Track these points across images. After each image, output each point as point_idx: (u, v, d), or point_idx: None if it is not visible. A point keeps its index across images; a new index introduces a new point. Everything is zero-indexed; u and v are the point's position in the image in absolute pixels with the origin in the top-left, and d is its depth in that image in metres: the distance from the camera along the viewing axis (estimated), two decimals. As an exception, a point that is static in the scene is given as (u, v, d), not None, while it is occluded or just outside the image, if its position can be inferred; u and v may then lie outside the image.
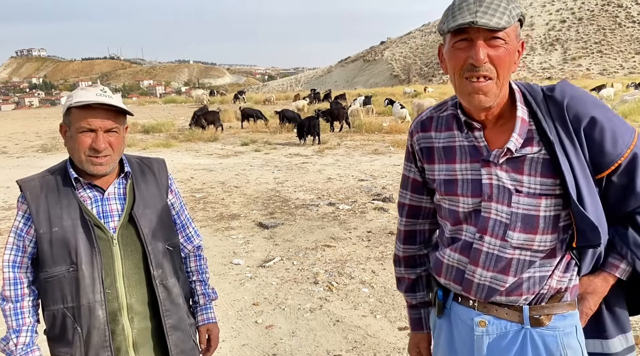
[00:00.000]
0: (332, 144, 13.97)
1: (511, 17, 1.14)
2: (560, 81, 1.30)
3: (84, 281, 1.52)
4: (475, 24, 1.11)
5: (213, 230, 6.12)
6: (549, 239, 1.24)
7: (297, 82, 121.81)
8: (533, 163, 1.22)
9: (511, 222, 1.23)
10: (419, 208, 1.50)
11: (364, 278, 4.50)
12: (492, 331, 1.30)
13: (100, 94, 1.53)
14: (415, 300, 1.57)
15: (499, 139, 1.26)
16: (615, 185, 1.24)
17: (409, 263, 1.56)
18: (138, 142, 14.90)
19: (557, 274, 1.26)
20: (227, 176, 9.67)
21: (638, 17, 75.01)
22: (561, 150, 1.19)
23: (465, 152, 1.30)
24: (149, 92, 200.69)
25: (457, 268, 1.33)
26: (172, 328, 1.66)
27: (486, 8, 1.13)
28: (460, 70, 1.19)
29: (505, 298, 1.27)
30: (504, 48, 1.16)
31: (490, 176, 1.25)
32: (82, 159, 1.55)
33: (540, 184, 1.21)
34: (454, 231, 1.35)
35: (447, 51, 1.23)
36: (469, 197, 1.29)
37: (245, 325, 3.71)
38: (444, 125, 1.36)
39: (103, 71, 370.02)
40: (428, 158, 1.39)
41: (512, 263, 1.25)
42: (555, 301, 1.27)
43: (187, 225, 1.84)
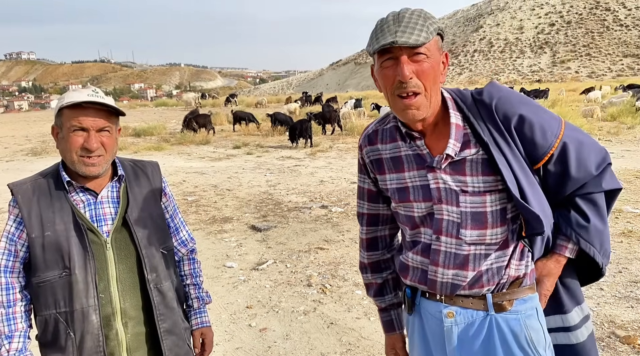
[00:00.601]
0: (324, 147, 13.98)
1: (429, 33, 1.21)
2: (487, 84, 1.38)
3: (77, 286, 1.51)
4: (395, 43, 1.19)
5: (206, 233, 6.10)
6: (499, 232, 1.32)
7: (288, 85, 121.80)
8: (473, 164, 1.30)
9: (462, 220, 1.31)
10: (377, 215, 1.57)
11: (357, 280, 4.49)
12: (460, 321, 1.37)
13: (92, 94, 1.52)
14: (384, 303, 1.63)
15: (439, 145, 1.34)
16: (552, 173, 1.33)
17: (374, 269, 1.62)
18: (129, 146, 14.81)
19: (513, 263, 1.34)
20: (219, 179, 9.64)
21: (626, 20, 75.95)
22: (497, 149, 1.27)
23: (411, 160, 1.38)
24: (140, 95, 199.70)
25: (421, 269, 1.40)
26: (167, 333, 1.64)
27: (404, 27, 1.20)
28: (391, 88, 1.26)
29: (469, 291, 1.35)
30: (427, 62, 1.23)
31: (436, 180, 1.33)
32: (74, 160, 1.53)
33: (483, 182, 1.30)
34: (413, 235, 1.42)
35: (377, 71, 1.31)
36: (421, 202, 1.36)
37: (238, 328, 3.69)
38: (389, 137, 1.43)
39: (93, 74, 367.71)
40: (379, 169, 1.46)
41: (469, 258, 1.32)
42: (516, 287, 1.35)
43: (180, 228, 1.83)
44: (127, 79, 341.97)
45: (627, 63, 64.83)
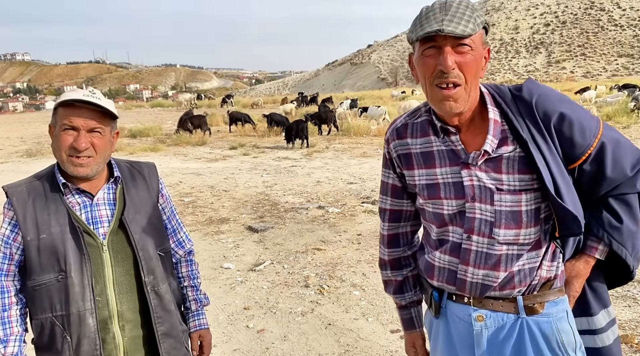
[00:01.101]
0: (320, 148, 13.97)
1: (476, 25, 1.20)
2: (526, 80, 1.35)
3: (73, 289, 1.49)
4: (442, 31, 1.16)
5: (202, 234, 6.08)
6: (532, 232, 1.29)
7: (284, 86, 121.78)
8: (510, 162, 1.27)
9: (496, 219, 1.28)
10: (400, 212, 1.54)
11: (355, 280, 4.49)
12: (490, 325, 1.34)
13: (88, 94, 1.50)
14: (404, 301, 1.60)
15: (475, 141, 1.31)
16: (587, 172, 1.31)
17: (394, 266, 1.59)
18: (125, 147, 14.75)
19: (545, 264, 1.32)
20: (215, 180, 9.62)
21: (620, 20, 76.32)
22: (535, 147, 1.24)
23: (443, 156, 1.34)
24: (135, 96, 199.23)
25: (449, 269, 1.37)
26: (164, 336, 1.63)
27: (452, 16, 1.18)
28: (430, 77, 1.24)
29: (499, 292, 1.32)
30: (470, 54, 1.21)
31: (471, 177, 1.29)
32: (63, 159, 1.52)
33: (519, 181, 1.27)
34: (440, 233, 1.38)
35: (416, 59, 1.28)
36: (452, 199, 1.32)
37: (236, 329, 3.68)
38: (420, 131, 1.40)
39: (88, 75, 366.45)
40: (407, 164, 1.42)
41: (501, 258, 1.29)
42: (547, 289, 1.33)
43: (178, 230, 1.82)
44: (123, 80, 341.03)
45: (621, 63, 65.13)
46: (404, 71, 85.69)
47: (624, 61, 65.40)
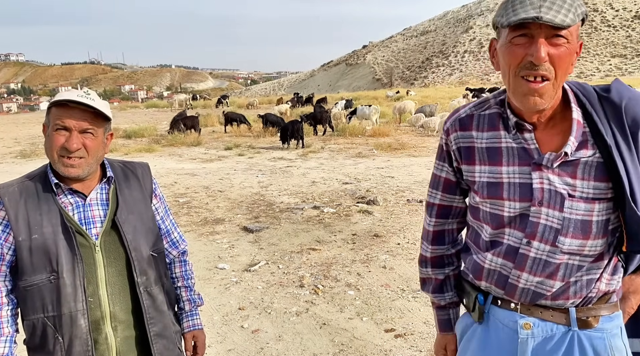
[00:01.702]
0: (315, 148, 13.97)
1: (576, 15, 1.09)
2: (614, 81, 1.26)
3: (65, 290, 1.48)
4: (539, 19, 1.06)
5: (197, 235, 6.07)
6: (599, 244, 1.21)
7: (280, 86, 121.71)
8: (587, 167, 1.18)
9: (563, 227, 1.19)
10: (450, 207, 1.45)
11: (350, 280, 4.49)
12: (537, 334, 1.26)
13: (82, 95, 1.50)
14: (444, 301, 1.52)
15: (552, 141, 1.21)
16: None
17: (436, 264, 1.51)
18: (120, 148, 14.70)
19: (605, 277, 1.24)
20: (210, 181, 9.60)
21: (613, 21, 76.75)
22: (617, 153, 1.15)
23: (513, 154, 1.24)
24: (130, 97, 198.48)
25: (500, 273, 1.29)
26: (157, 336, 1.63)
27: (551, 3, 1.07)
28: (516, 68, 1.14)
29: (551, 301, 1.24)
30: (565, 47, 1.11)
31: (541, 180, 1.20)
32: (54, 159, 1.52)
33: (594, 189, 1.18)
34: (494, 235, 1.29)
35: (502, 46, 1.16)
36: (516, 201, 1.23)
37: (231, 329, 3.68)
38: (487, 124, 1.29)
39: (83, 76, 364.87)
40: (467, 159, 1.32)
41: (560, 267, 1.21)
42: (602, 303, 1.25)
43: (172, 230, 1.81)
44: (118, 80, 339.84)
45: (615, 63, 65.49)
46: (399, 71, 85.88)
47: (617, 62, 65.77)
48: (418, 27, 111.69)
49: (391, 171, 9.97)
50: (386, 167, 10.38)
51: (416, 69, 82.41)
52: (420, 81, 72.66)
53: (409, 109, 19.31)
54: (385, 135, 15.72)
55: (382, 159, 11.66)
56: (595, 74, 62.31)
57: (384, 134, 15.78)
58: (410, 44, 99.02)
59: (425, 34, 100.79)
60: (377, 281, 4.46)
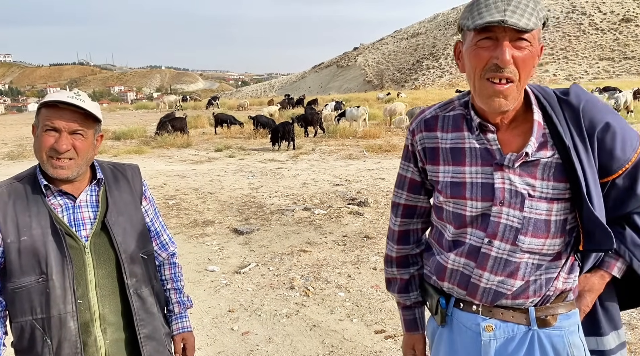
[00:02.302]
0: (306, 150, 13.98)
1: (538, 19, 1.12)
2: (572, 85, 1.29)
3: (54, 292, 1.48)
4: (504, 22, 1.08)
5: (187, 237, 6.04)
6: (557, 243, 1.24)
7: (271, 88, 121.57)
8: (546, 168, 1.21)
9: (523, 227, 1.22)
10: (415, 207, 1.47)
11: (340, 282, 4.50)
12: (499, 335, 1.28)
13: (72, 96, 1.49)
14: (409, 301, 1.54)
15: (513, 142, 1.24)
16: (618, 188, 1.26)
17: (401, 264, 1.52)
18: (109, 149, 14.60)
19: (562, 276, 1.27)
20: (201, 182, 9.57)
21: (601, 24, 77.62)
22: (575, 155, 1.18)
23: (476, 154, 1.26)
24: (120, 98, 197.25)
25: (462, 273, 1.31)
26: (147, 338, 1.62)
27: (515, 7, 1.10)
28: (481, 70, 1.16)
29: (512, 301, 1.27)
30: (528, 50, 1.14)
31: (503, 180, 1.22)
32: (43, 160, 1.51)
33: (553, 189, 1.21)
34: (457, 235, 1.32)
35: (468, 49, 1.19)
36: (478, 201, 1.26)
37: (220, 332, 3.67)
38: (452, 125, 1.32)
39: (72, 77, 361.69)
40: (432, 159, 1.35)
41: (520, 266, 1.24)
42: (560, 301, 1.28)
43: (161, 232, 1.81)
44: (107, 81, 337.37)
45: (602, 66, 66.25)
46: (390, 73, 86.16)
47: (605, 64, 66.53)
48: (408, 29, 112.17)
49: (382, 172, 10.01)
50: (377, 169, 10.42)
51: (407, 71, 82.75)
52: (410, 83, 72.96)
53: (399, 111, 19.38)
54: (376, 137, 15.77)
55: (373, 160, 11.69)
56: (584, 76, 62.96)
57: (374, 136, 15.83)
58: (401, 46, 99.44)
59: (415, 37, 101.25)
60: (368, 282, 4.47)
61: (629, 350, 3.13)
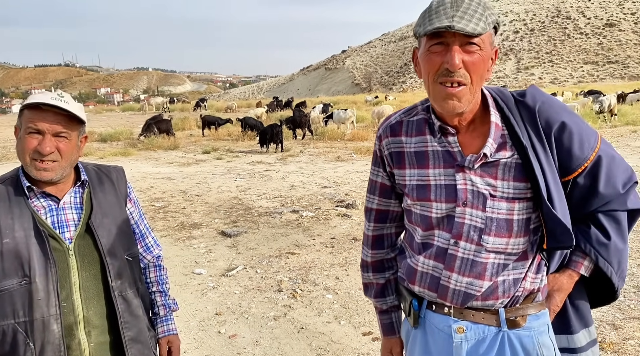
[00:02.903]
0: (295, 152, 13.98)
1: (487, 24, 1.15)
2: (529, 87, 1.33)
3: (37, 295, 1.46)
4: (452, 28, 1.12)
5: (174, 240, 6.00)
6: (521, 242, 1.26)
7: (259, 90, 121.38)
8: (506, 168, 1.24)
9: (486, 226, 1.24)
10: (387, 212, 1.49)
11: (328, 284, 4.50)
12: (470, 337, 1.30)
13: (55, 98, 1.48)
14: (385, 305, 1.55)
15: (473, 144, 1.27)
16: (580, 186, 1.28)
17: (377, 268, 1.54)
18: (95, 151, 14.47)
19: (529, 276, 1.29)
20: (188, 185, 9.51)
21: (585, 29, 78.75)
22: (533, 154, 1.21)
23: (438, 157, 1.30)
24: (106, 100, 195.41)
25: (432, 275, 1.32)
26: (132, 341, 1.61)
27: (463, 13, 1.13)
28: (434, 74, 1.19)
29: (482, 302, 1.28)
30: (478, 54, 1.17)
31: (464, 181, 1.25)
32: (27, 162, 1.49)
33: (513, 188, 1.24)
34: (425, 237, 1.34)
35: (422, 55, 1.23)
36: (442, 202, 1.28)
37: (207, 335, 3.65)
38: (415, 129, 1.35)
39: (58, 79, 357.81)
40: (398, 163, 1.38)
41: (487, 267, 1.26)
42: (529, 302, 1.30)
43: (146, 235, 1.80)
44: (93, 83, 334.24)
45: (587, 70, 67.20)
46: (378, 76, 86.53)
47: (589, 68, 67.50)
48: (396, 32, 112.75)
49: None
50: (365, 171, 10.44)
51: (394, 74, 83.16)
52: (398, 85, 73.33)
53: (387, 114, 19.42)
54: (364, 139, 15.82)
55: (361, 163, 11.72)
56: (569, 79, 63.79)
57: (363, 138, 15.88)
58: (389, 50, 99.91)
59: (403, 40, 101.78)
60: (356, 284, 4.48)
61: (613, 349, 3.17)
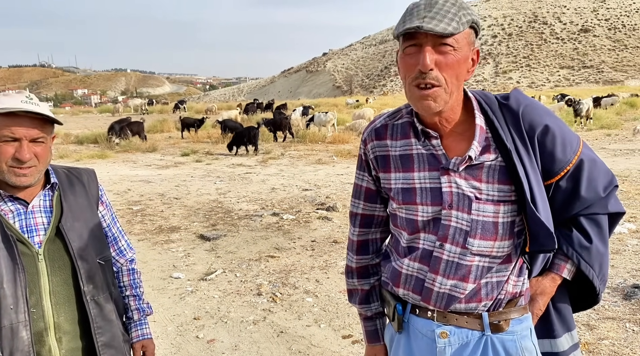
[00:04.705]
0: (275, 154, 13.93)
1: (460, 24, 1.14)
2: (513, 90, 1.33)
3: (5, 301, 1.41)
4: (421, 28, 1.11)
5: (151, 243, 5.91)
6: (506, 245, 1.26)
7: (239, 92, 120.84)
8: (490, 170, 1.24)
9: (471, 229, 1.24)
10: (372, 216, 1.48)
11: (308, 287, 4.48)
12: (454, 342, 1.30)
13: (25, 101, 1.43)
14: (370, 312, 1.53)
15: (457, 147, 1.27)
16: (562, 190, 1.29)
17: (362, 274, 1.52)
18: (71, 154, 14.20)
19: (512, 279, 1.29)
20: (166, 188, 9.39)
21: (561, 34, 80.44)
22: (517, 157, 1.22)
23: (423, 160, 1.29)
24: (83, 101, 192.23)
25: (417, 277, 1.32)
26: (105, 346, 1.57)
27: (435, 14, 1.13)
28: (409, 78, 1.19)
29: (465, 305, 1.28)
30: (452, 55, 1.16)
31: (450, 184, 1.25)
32: (3, 170, 1.44)
33: (498, 191, 1.24)
34: (411, 240, 1.33)
35: (399, 56, 1.23)
36: (428, 205, 1.28)
37: (185, 340, 3.59)
38: (400, 133, 1.35)
39: (33, 79, 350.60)
40: (384, 167, 1.37)
41: (471, 269, 1.26)
42: (512, 306, 1.30)
43: (119, 238, 1.76)
44: (70, 84, 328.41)
45: (563, 74, 68.63)
46: (359, 79, 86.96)
47: (565, 73, 68.96)
48: (377, 36, 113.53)
49: (351, 177, 10.04)
50: (346, 174, 10.46)
51: (375, 77, 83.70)
52: (379, 89, 73.80)
53: (367, 117, 19.54)
54: (345, 142, 15.85)
55: (342, 165, 11.74)
56: (546, 84, 65.06)
57: (343, 141, 15.91)
58: (370, 53, 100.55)
59: (384, 43, 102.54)
60: (336, 287, 4.46)
61: (588, 349, 3.21)
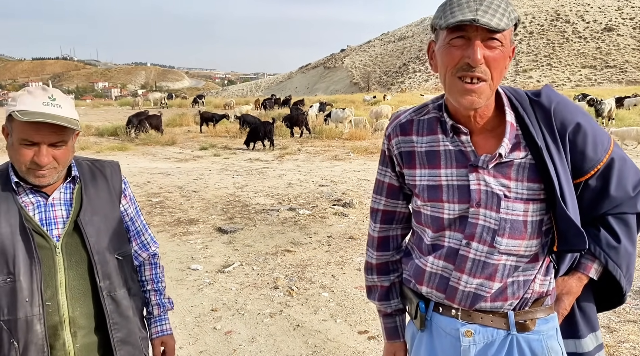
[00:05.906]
0: (292, 150, 13.94)
1: (510, 20, 1.12)
2: (544, 86, 1.31)
3: (21, 294, 1.40)
4: (476, 22, 1.08)
5: (170, 235, 5.97)
6: (534, 244, 1.24)
7: (257, 87, 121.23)
8: (520, 168, 1.22)
9: (500, 228, 1.21)
10: (394, 213, 1.46)
11: (324, 282, 4.48)
12: (479, 341, 1.27)
13: (47, 102, 1.39)
14: (390, 308, 1.51)
15: (487, 143, 1.24)
16: (591, 189, 1.27)
17: (382, 270, 1.50)
18: (92, 145, 14.41)
19: (539, 278, 1.27)
20: (185, 181, 9.47)
21: (584, 32, 78.96)
22: (548, 155, 1.19)
23: (450, 157, 1.26)
24: (103, 94, 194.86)
25: (441, 276, 1.29)
26: (121, 343, 1.55)
27: (487, 7, 1.10)
28: (453, 68, 1.16)
29: (490, 304, 1.25)
30: (499, 50, 1.14)
31: (478, 181, 1.22)
32: (22, 170, 1.43)
33: (527, 189, 1.21)
34: (436, 238, 1.31)
35: (440, 48, 1.18)
36: (455, 203, 1.25)
37: (203, 331, 3.62)
38: (427, 128, 1.31)
39: (55, 72, 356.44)
40: (408, 163, 1.34)
41: (498, 268, 1.23)
42: (538, 305, 1.27)
43: (142, 232, 1.74)
44: (91, 77, 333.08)
45: (585, 74, 67.38)
46: (376, 76, 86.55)
47: (587, 72, 67.70)
48: (395, 32, 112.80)
49: (367, 174, 10.01)
50: (362, 171, 10.43)
51: (393, 74, 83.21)
52: (397, 85, 73.36)
53: (385, 114, 19.45)
54: (362, 138, 15.80)
55: (359, 162, 11.70)
56: (567, 83, 63.97)
57: (360, 138, 15.86)
58: (388, 49, 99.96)
59: (402, 40, 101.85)
60: (352, 283, 4.46)
61: (608, 352, 3.16)
